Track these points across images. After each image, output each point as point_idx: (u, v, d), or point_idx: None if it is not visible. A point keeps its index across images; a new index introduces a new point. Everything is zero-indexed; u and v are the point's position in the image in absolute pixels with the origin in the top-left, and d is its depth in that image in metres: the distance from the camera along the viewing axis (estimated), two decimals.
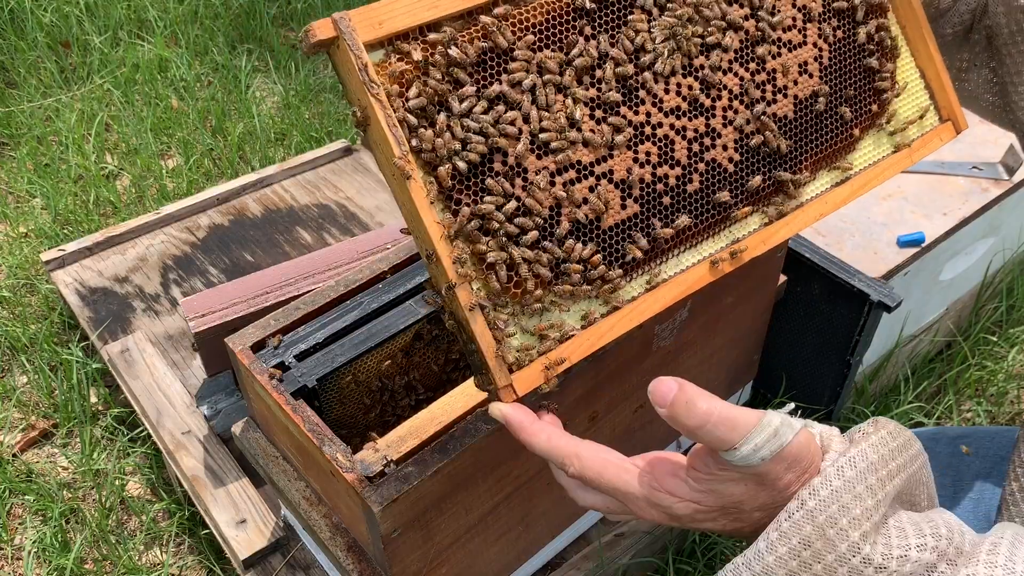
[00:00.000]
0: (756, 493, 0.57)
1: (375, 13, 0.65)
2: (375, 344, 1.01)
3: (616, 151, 0.73)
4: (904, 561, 0.52)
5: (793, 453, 0.55)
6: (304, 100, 2.54)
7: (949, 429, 1.06)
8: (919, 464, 0.58)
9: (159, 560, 1.46)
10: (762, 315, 1.32)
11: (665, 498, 0.59)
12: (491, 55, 0.68)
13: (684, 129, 0.77)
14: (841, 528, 0.52)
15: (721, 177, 0.79)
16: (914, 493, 0.58)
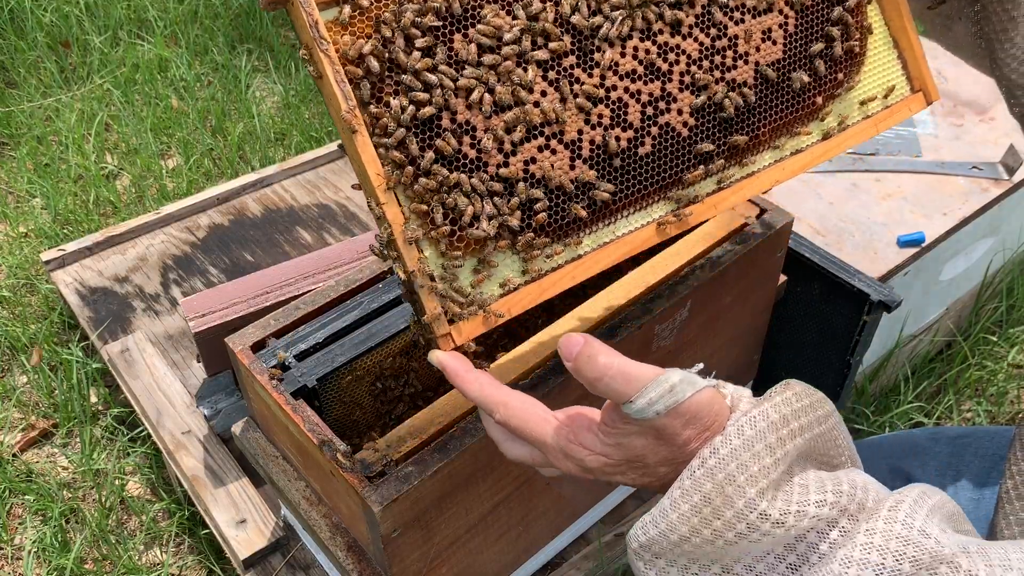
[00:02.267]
0: (656, 447, 0.58)
1: None
2: (375, 344, 1.01)
3: (568, 112, 0.73)
4: (801, 516, 0.53)
5: (691, 410, 0.56)
6: (304, 100, 2.54)
7: (949, 429, 1.06)
8: (830, 424, 0.59)
9: (159, 560, 1.46)
10: (762, 315, 1.32)
11: (578, 450, 0.61)
12: (446, 13, 0.68)
13: (639, 92, 0.76)
14: (739, 485, 0.53)
15: (675, 141, 0.79)
16: (828, 453, 0.60)
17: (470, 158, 0.70)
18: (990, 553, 0.50)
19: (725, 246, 1.12)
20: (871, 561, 0.50)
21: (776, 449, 0.55)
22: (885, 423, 1.61)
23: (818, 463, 0.60)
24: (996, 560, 0.50)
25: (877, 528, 0.52)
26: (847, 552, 0.51)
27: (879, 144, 1.64)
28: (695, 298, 1.09)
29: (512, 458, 0.67)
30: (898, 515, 0.52)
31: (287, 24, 2.92)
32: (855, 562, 0.50)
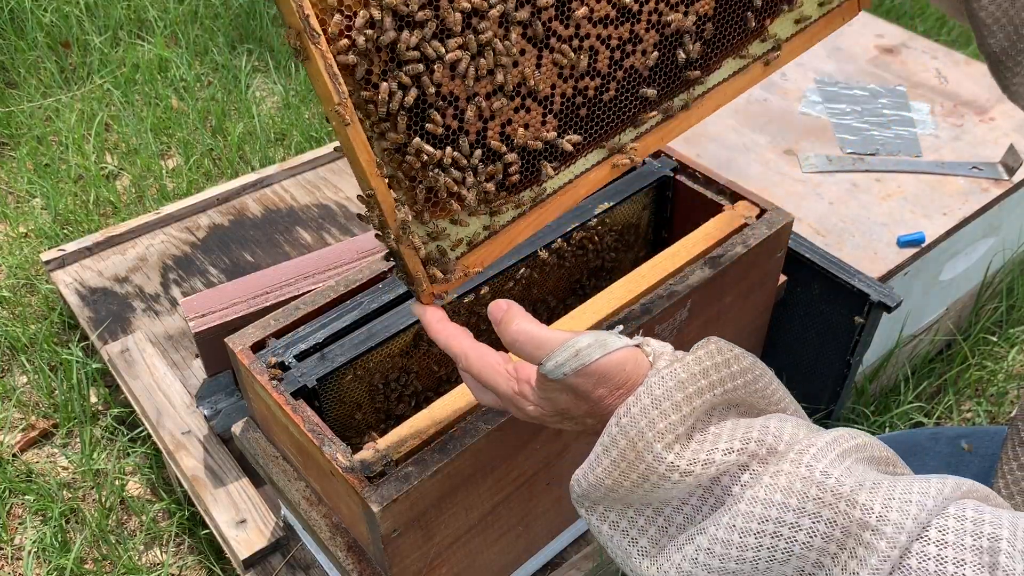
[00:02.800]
0: (576, 403, 0.64)
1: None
2: (375, 344, 1.01)
3: (543, 68, 0.74)
4: (709, 465, 0.57)
5: (600, 371, 0.62)
6: (304, 100, 2.54)
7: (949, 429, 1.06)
8: (752, 377, 0.63)
9: (159, 560, 1.46)
10: (762, 315, 1.32)
11: (522, 401, 0.67)
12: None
13: (609, 38, 0.77)
14: (648, 441, 0.58)
15: (636, 82, 0.80)
16: (755, 404, 0.64)
17: (452, 129, 0.71)
18: (892, 488, 0.52)
19: (725, 246, 1.12)
20: (775, 501, 0.53)
21: (683, 405, 0.59)
22: (885, 423, 1.61)
23: (743, 412, 0.63)
24: (897, 494, 0.52)
25: (783, 470, 0.54)
26: (753, 492, 0.54)
27: (879, 144, 1.64)
28: (695, 298, 1.09)
29: (482, 403, 0.74)
30: (803, 458, 0.54)
31: None
32: (760, 501, 0.53)
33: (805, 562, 0.53)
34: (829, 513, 0.52)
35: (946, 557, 0.49)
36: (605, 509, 0.62)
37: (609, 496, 0.61)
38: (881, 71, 1.84)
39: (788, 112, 1.73)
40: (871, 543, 0.51)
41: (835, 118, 1.70)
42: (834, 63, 1.87)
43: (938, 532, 0.50)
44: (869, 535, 0.51)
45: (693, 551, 0.57)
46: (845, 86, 1.79)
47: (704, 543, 0.56)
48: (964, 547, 0.50)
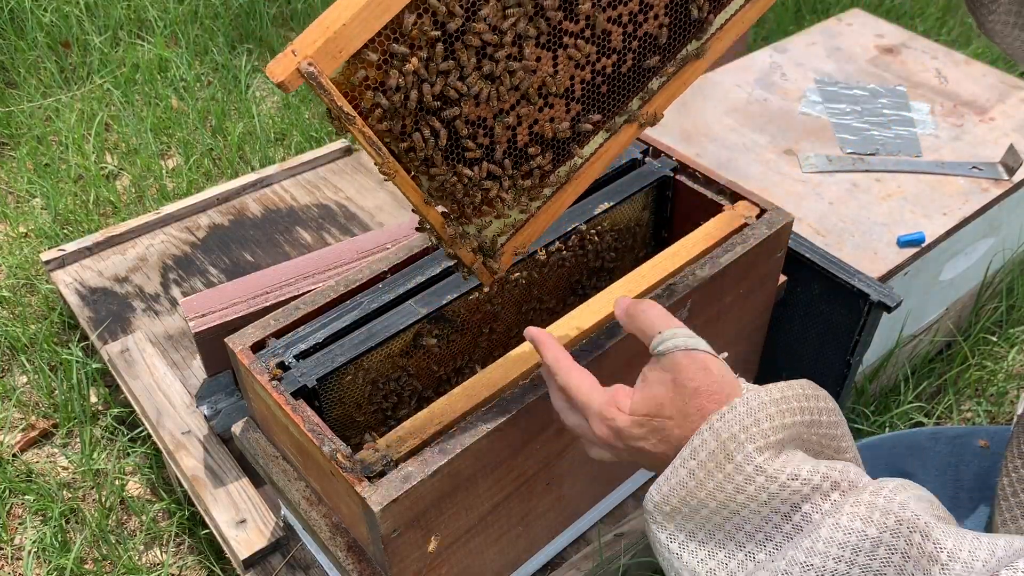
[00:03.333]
0: (674, 396, 0.66)
1: (333, 44, 0.64)
2: (375, 344, 1.01)
3: (560, 66, 0.77)
4: (794, 477, 0.59)
5: (705, 361, 0.66)
6: (304, 100, 2.54)
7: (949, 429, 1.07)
8: (831, 420, 0.66)
9: (159, 560, 1.46)
10: (762, 315, 1.32)
11: (613, 411, 0.69)
12: (442, 30, 0.70)
13: (620, 16, 0.78)
14: (740, 442, 0.60)
15: (653, 46, 0.81)
16: (826, 447, 0.66)
17: (484, 146, 0.77)
18: (964, 533, 0.55)
19: (725, 246, 1.12)
20: (855, 528, 0.55)
21: (776, 419, 0.61)
22: (885, 423, 1.61)
23: (815, 454, 0.65)
24: (969, 537, 0.54)
25: (863, 500, 0.56)
26: (835, 519, 0.56)
27: (879, 144, 1.64)
28: (695, 298, 1.09)
29: (567, 425, 0.76)
30: (882, 491, 0.57)
31: (287, 24, 2.93)
32: (842, 528, 0.55)
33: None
34: (904, 545, 0.54)
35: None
36: (676, 528, 0.63)
37: (683, 509, 0.62)
38: (881, 71, 1.84)
39: (788, 112, 1.73)
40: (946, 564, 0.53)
41: (835, 118, 1.70)
42: (834, 63, 1.87)
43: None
44: (937, 570, 0.53)
45: (770, 573, 0.57)
46: (845, 86, 1.79)
47: (782, 567, 0.57)
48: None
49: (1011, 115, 1.72)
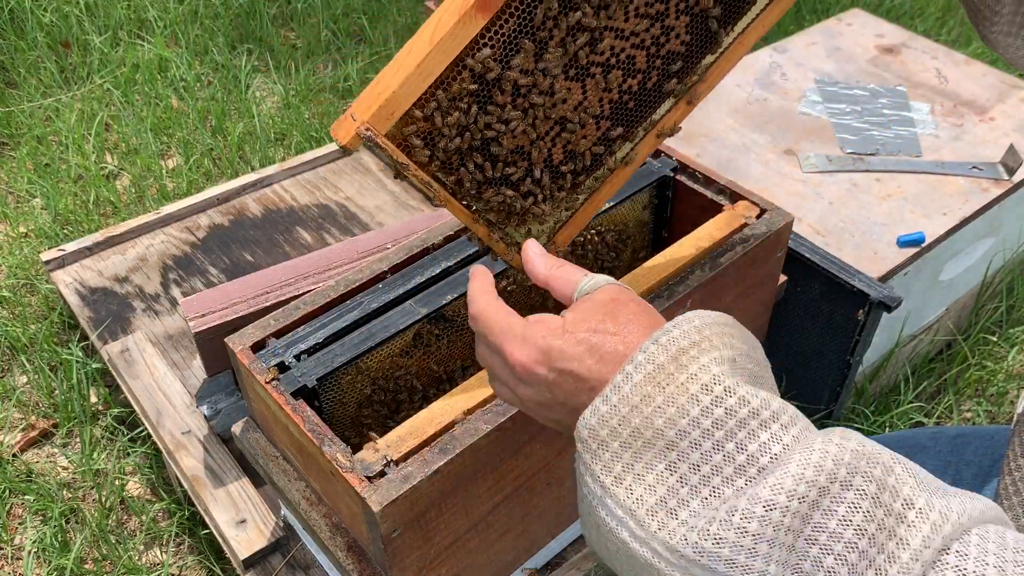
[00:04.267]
0: (614, 311, 0.61)
1: (385, 109, 0.73)
2: (375, 344, 1.01)
3: (590, 93, 0.82)
4: (754, 396, 0.53)
5: (636, 297, 0.64)
6: (304, 100, 2.54)
7: (949, 429, 1.06)
8: (763, 357, 0.61)
9: (159, 560, 1.46)
10: (762, 315, 1.32)
11: (542, 328, 0.62)
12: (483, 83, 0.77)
13: (643, 41, 0.82)
14: (693, 356, 0.54)
15: (676, 60, 0.85)
16: (760, 376, 0.60)
17: (524, 169, 0.84)
18: (932, 490, 0.51)
19: (725, 246, 1.12)
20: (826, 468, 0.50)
21: (724, 337, 0.57)
22: (885, 423, 1.61)
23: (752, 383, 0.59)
24: (938, 503, 0.50)
25: (833, 439, 0.51)
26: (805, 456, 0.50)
27: (879, 144, 1.64)
28: (695, 298, 1.09)
29: (479, 358, 0.70)
30: (851, 435, 0.52)
31: (287, 24, 2.93)
32: (812, 465, 0.49)
33: (838, 539, 0.49)
34: (875, 489, 0.49)
35: (987, 561, 0.47)
36: (612, 457, 0.56)
37: (622, 432, 0.55)
38: (881, 71, 1.84)
39: (788, 112, 1.73)
40: (915, 524, 0.48)
41: (835, 118, 1.70)
42: (834, 63, 1.87)
43: (979, 538, 0.48)
44: (914, 516, 0.49)
45: (723, 518, 0.51)
46: (845, 86, 1.79)
47: (743, 504, 0.50)
48: (1005, 551, 0.48)
49: (1011, 115, 1.72)
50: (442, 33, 0.72)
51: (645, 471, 0.54)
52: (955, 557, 0.47)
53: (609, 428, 0.55)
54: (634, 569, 0.55)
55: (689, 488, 0.53)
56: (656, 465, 0.54)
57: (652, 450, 0.54)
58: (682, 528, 0.52)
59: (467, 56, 0.74)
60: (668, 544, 0.52)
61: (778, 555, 0.50)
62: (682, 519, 0.52)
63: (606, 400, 0.56)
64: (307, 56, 2.76)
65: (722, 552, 0.50)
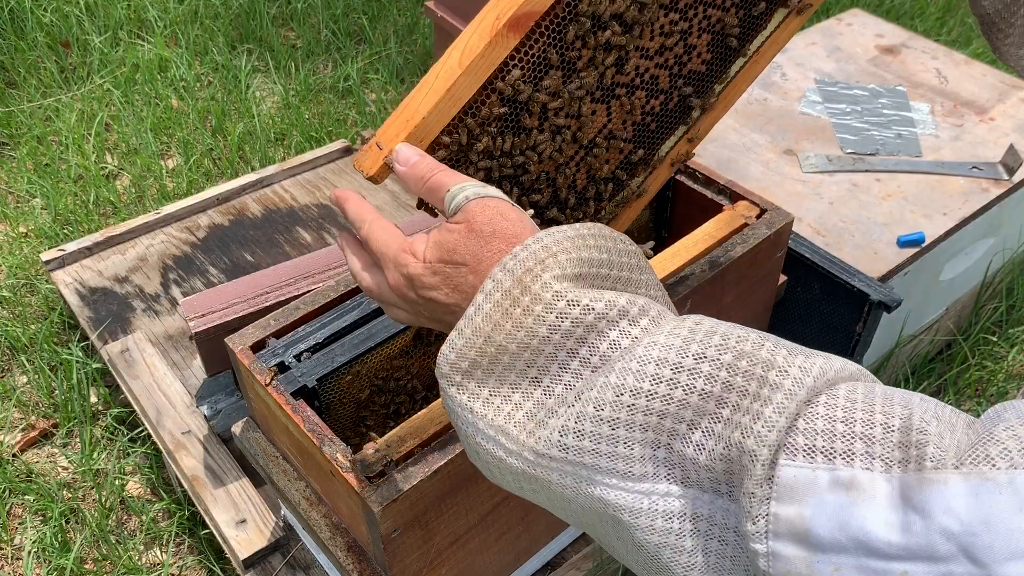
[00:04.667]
0: (467, 240, 0.61)
1: (415, 134, 0.70)
2: (375, 344, 1.01)
3: (614, 113, 0.82)
4: (598, 300, 0.54)
5: (501, 207, 0.62)
6: (304, 100, 2.54)
7: None
8: (631, 261, 0.60)
9: (159, 560, 1.46)
10: (762, 315, 1.32)
11: (407, 257, 0.63)
12: (512, 106, 0.76)
13: (666, 61, 0.82)
14: (536, 274, 0.55)
15: (697, 80, 0.87)
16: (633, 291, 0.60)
17: (549, 193, 0.85)
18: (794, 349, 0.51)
19: (725, 246, 1.12)
20: (674, 345, 0.51)
21: (572, 252, 0.57)
22: None
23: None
24: (800, 354, 0.50)
25: (684, 323, 0.53)
26: (652, 339, 0.51)
27: (879, 144, 1.64)
28: (695, 298, 1.09)
29: (363, 287, 0.70)
30: (705, 320, 0.53)
31: (287, 24, 2.93)
32: (659, 345, 0.51)
33: (702, 413, 0.49)
34: (731, 358, 0.49)
35: (855, 406, 0.47)
36: (477, 385, 0.57)
37: (482, 361, 0.56)
38: (881, 71, 1.84)
39: (788, 112, 1.73)
40: (775, 381, 0.48)
41: (835, 118, 1.70)
42: (834, 63, 1.87)
43: (847, 389, 0.48)
44: (774, 375, 0.48)
45: (578, 411, 0.52)
46: (845, 86, 1.79)
47: (593, 395, 0.51)
48: (873, 397, 0.48)
49: (1011, 115, 1.72)
50: (472, 56, 0.70)
51: (510, 391, 0.56)
52: (823, 407, 0.47)
53: (468, 360, 0.57)
54: (517, 480, 0.57)
55: (554, 397, 0.54)
56: (520, 384, 0.56)
57: (513, 372, 0.56)
58: (546, 431, 0.53)
59: (497, 79, 0.73)
60: (536, 450, 0.54)
61: (641, 437, 0.50)
62: (548, 423, 0.54)
63: (460, 333, 0.57)
64: (307, 56, 2.76)
65: (584, 444, 0.51)
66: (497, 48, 0.71)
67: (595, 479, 0.52)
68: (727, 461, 0.48)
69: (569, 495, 0.53)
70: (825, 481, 0.45)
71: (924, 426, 0.45)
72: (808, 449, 0.46)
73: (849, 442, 0.46)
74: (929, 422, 0.46)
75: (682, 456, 0.50)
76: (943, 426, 0.46)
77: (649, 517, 0.50)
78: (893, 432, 0.45)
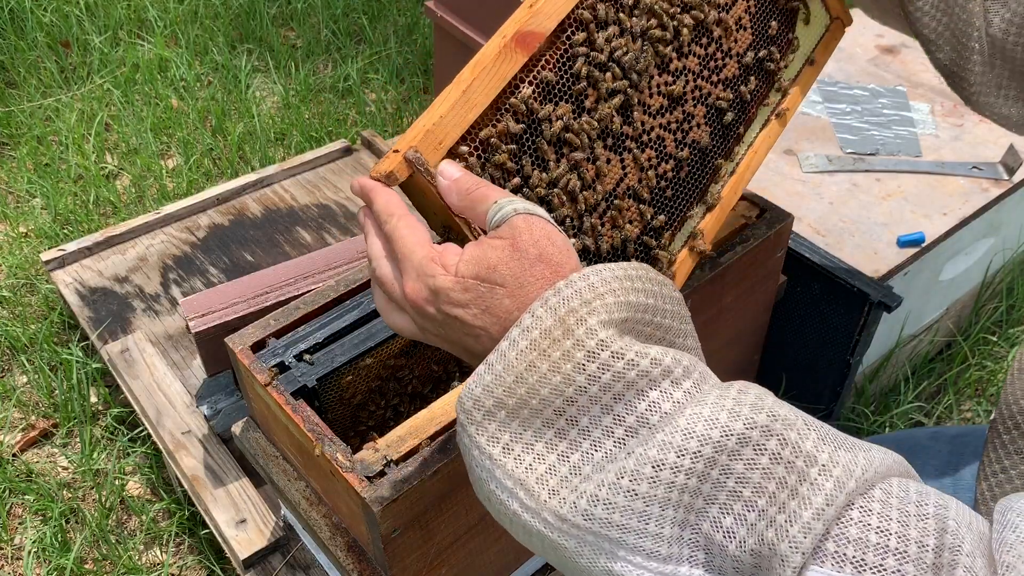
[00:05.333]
0: (510, 260, 0.56)
1: (433, 136, 0.70)
2: (375, 344, 1.01)
3: (628, 169, 0.83)
4: (644, 356, 0.51)
5: (547, 229, 0.58)
6: (304, 100, 2.54)
7: (949, 429, 1.06)
8: (674, 308, 0.58)
9: (159, 560, 1.46)
10: (762, 315, 1.32)
11: (435, 268, 0.59)
12: (526, 124, 0.76)
13: (669, 124, 0.85)
14: (581, 316, 0.52)
15: (703, 152, 0.89)
16: (669, 338, 0.58)
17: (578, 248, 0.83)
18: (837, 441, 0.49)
19: (725, 246, 1.12)
20: (720, 421, 0.48)
21: (620, 295, 0.53)
22: (885, 423, 1.61)
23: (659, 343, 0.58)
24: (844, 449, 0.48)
25: (729, 394, 0.50)
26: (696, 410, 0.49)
27: (879, 144, 1.64)
28: (695, 298, 1.09)
29: (376, 275, 0.65)
30: (751, 388, 0.51)
31: (287, 24, 2.93)
32: (703, 419, 0.48)
33: (737, 498, 0.47)
34: (776, 445, 0.48)
35: (891, 516, 0.46)
36: (499, 428, 0.53)
37: (508, 402, 0.52)
38: (881, 71, 1.84)
39: None
40: (817, 482, 0.47)
41: (835, 118, 1.70)
42: (834, 63, 1.87)
43: (882, 492, 0.47)
44: (816, 473, 0.47)
45: (612, 481, 0.49)
46: (845, 86, 1.79)
47: (629, 466, 0.48)
48: (908, 505, 0.47)
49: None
50: (483, 65, 0.73)
51: (534, 440, 0.52)
52: (859, 512, 0.46)
53: (495, 399, 0.53)
54: (528, 536, 0.54)
55: (581, 454, 0.51)
56: (545, 433, 0.52)
57: (540, 419, 0.52)
58: (572, 495, 0.50)
59: (509, 96, 0.74)
60: (558, 513, 0.51)
61: (672, 515, 0.48)
62: (573, 486, 0.50)
63: (491, 368, 0.53)
64: (307, 56, 2.76)
65: (612, 517, 0.49)
66: (507, 61, 0.73)
67: (618, 554, 0.49)
68: (757, 556, 0.47)
69: (584, 565, 0.51)
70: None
71: (958, 542, 0.45)
72: (838, 557, 0.45)
73: (882, 556, 0.45)
74: (963, 537, 0.45)
75: (709, 540, 0.48)
76: (975, 543, 0.45)
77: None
78: (927, 551, 0.44)
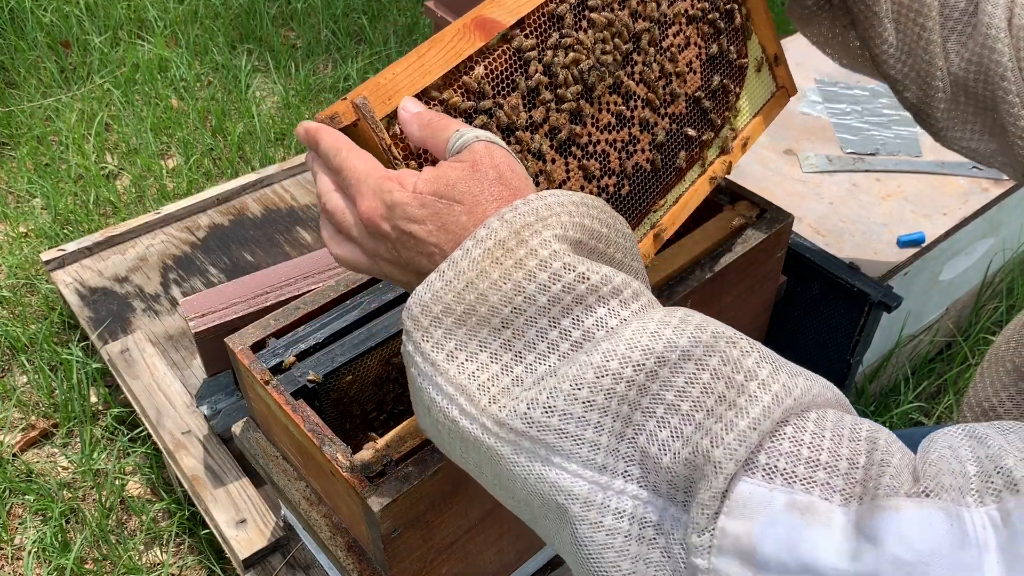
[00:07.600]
0: (469, 177, 0.57)
1: (383, 89, 0.71)
2: (375, 344, 1.01)
3: (571, 172, 0.84)
4: (595, 272, 0.52)
5: (507, 158, 0.59)
6: (304, 100, 2.54)
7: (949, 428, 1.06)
8: (627, 243, 0.59)
9: (159, 560, 1.46)
10: (762, 315, 1.32)
11: (391, 184, 0.59)
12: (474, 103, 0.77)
13: (615, 141, 0.87)
14: (536, 230, 0.53)
15: (644, 177, 0.91)
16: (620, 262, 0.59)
17: None
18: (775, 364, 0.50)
19: (725, 246, 1.12)
20: (664, 336, 0.49)
21: (575, 216, 0.54)
22: (885, 423, 1.61)
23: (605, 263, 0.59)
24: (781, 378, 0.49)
25: (676, 312, 0.52)
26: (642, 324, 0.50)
27: (879, 144, 1.64)
28: (695, 298, 1.09)
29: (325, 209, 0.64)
30: (696, 313, 0.52)
31: (287, 24, 2.93)
32: (649, 333, 0.49)
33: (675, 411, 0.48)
34: (717, 363, 0.48)
35: (824, 435, 0.46)
36: (444, 335, 0.53)
37: (456, 309, 0.52)
38: None
39: (788, 112, 1.73)
40: (756, 395, 0.47)
41: (835, 118, 1.70)
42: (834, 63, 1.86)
43: (818, 415, 0.48)
44: (755, 387, 0.47)
45: (552, 386, 0.49)
46: (845, 86, 1.79)
47: (573, 372, 0.49)
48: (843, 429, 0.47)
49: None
50: (443, 39, 0.74)
51: (479, 348, 0.52)
52: (792, 429, 0.46)
53: (443, 304, 0.53)
54: (465, 449, 0.54)
55: (524, 367, 0.51)
56: (491, 343, 0.52)
57: (487, 327, 0.52)
58: (512, 401, 0.50)
59: (463, 72, 0.75)
60: (497, 418, 0.51)
61: (611, 425, 0.48)
62: (515, 395, 0.51)
63: (441, 275, 0.53)
64: (307, 56, 2.76)
65: (551, 421, 0.49)
66: (463, 40, 0.75)
67: (553, 460, 0.49)
68: (690, 467, 0.47)
69: (519, 473, 0.50)
70: (781, 503, 0.44)
71: (887, 458, 0.45)
72: (769, 469, 0.45)
73: (812, 469, 0.45)
74: (893, 454, 0.46)
75: (644, 454, 0.48)
76: (903, 461, 0.46)
77: (600, 512, 0.48)
78: (858, 468, 0.45)
